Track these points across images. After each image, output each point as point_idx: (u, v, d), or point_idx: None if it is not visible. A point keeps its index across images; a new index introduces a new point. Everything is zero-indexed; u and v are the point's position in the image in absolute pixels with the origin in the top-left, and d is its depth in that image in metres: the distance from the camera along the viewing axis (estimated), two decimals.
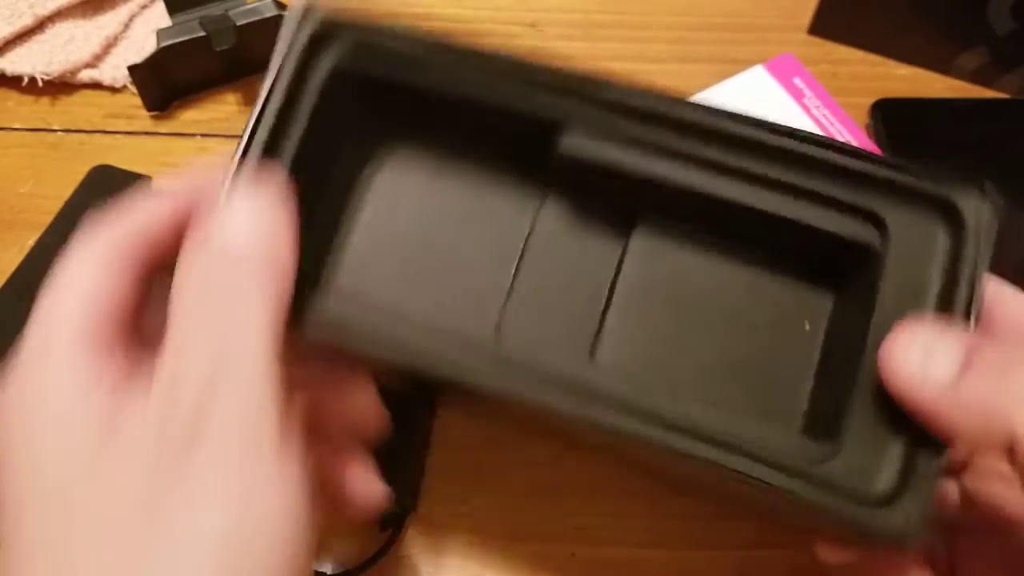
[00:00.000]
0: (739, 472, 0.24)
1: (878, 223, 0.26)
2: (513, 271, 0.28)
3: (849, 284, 0.27)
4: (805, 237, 0.27)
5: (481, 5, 0.50)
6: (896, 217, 0.26)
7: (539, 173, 0.28)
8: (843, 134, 0.43)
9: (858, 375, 0.25)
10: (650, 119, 0.27)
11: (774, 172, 0.26)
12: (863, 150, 0.26)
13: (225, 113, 0.46)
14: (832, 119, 0.44)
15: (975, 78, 0.47)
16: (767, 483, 0.24)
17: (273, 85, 0.26)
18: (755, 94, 0.39)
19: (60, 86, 0.46)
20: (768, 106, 0.43)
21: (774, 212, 0.26)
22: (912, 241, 0.26)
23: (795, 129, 0.26)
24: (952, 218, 0.26)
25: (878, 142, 0.43)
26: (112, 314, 0.23)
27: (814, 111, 0.44)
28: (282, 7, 0.44)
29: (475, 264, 0.29)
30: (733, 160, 0.26)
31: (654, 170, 0.27)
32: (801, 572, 0.34)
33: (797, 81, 0.45)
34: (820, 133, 0.43)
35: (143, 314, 0.24)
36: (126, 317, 0.24)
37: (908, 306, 0.25)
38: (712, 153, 0.27)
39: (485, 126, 0.28)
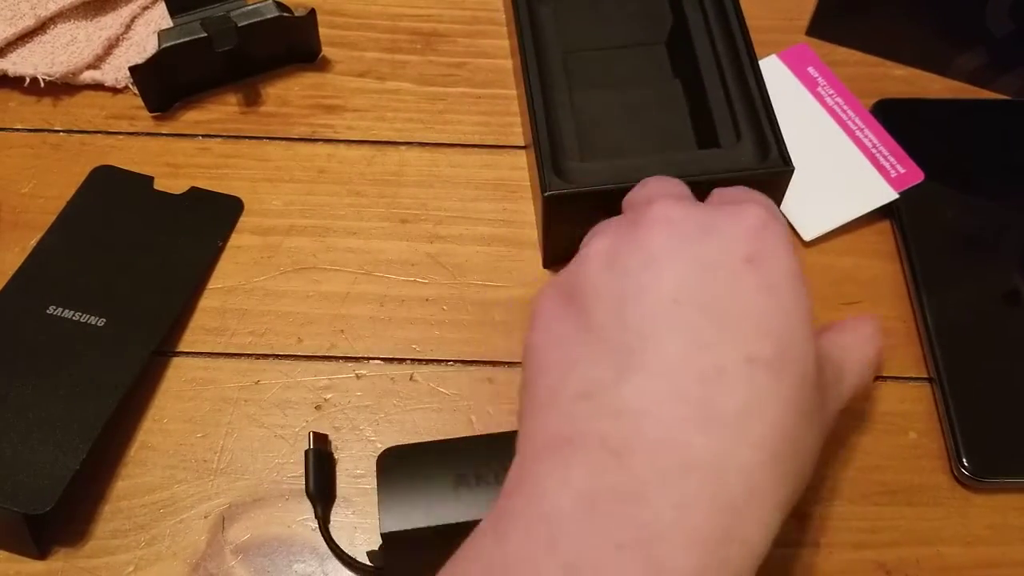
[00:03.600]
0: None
1: None
2: None
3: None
4: None
5: (478, 5, 0.50)
6: None
7: None
8: (855, 121, 0.44)
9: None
10: None
11: None
12: None
13: (226, 114, 0.46)
14: (845, 107, 0.44)
15: (973, 79, 0.47)
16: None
17: None
18: (769, 84, 0.39)
19: (62, 87, 0.46)
20: (782, 95, 0.43)
21: None
22: None
23: None
24: None
25: None
26: None
27: (827, 100, 0.45)
28: (283, 8, 0.45)
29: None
30: None
31: None
32: (801, 572, 0.34)
33: (811, 71, 0.46)
34: (833, 120, 0.44)
35: None
36: None
37: None
38: None
39: None
